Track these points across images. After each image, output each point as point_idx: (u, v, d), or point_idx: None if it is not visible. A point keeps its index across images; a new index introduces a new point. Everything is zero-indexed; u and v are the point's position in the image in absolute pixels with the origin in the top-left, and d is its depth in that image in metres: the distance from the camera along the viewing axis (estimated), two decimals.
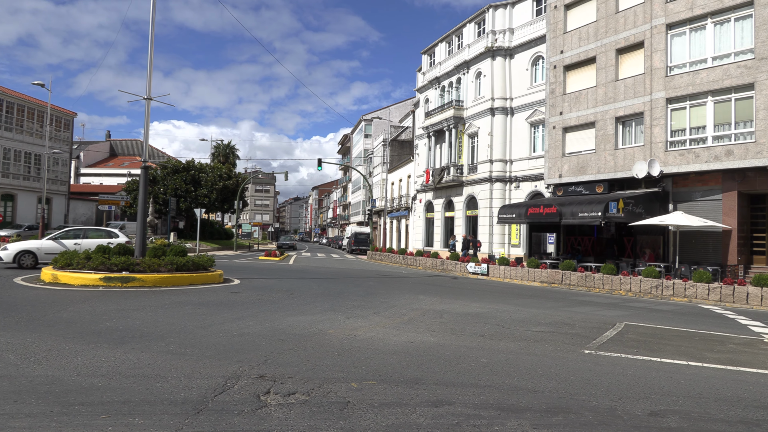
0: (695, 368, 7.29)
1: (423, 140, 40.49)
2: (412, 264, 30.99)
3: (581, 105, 25.43)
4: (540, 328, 10.06)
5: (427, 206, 39.98)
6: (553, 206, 23.20)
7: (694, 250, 21.39)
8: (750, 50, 19.64)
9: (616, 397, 5.74)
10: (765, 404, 5.72)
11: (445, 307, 12.53)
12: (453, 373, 6.44)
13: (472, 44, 34.42)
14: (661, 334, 9.95)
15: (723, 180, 20.44)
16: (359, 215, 70.10)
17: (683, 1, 21.51)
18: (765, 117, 19.01)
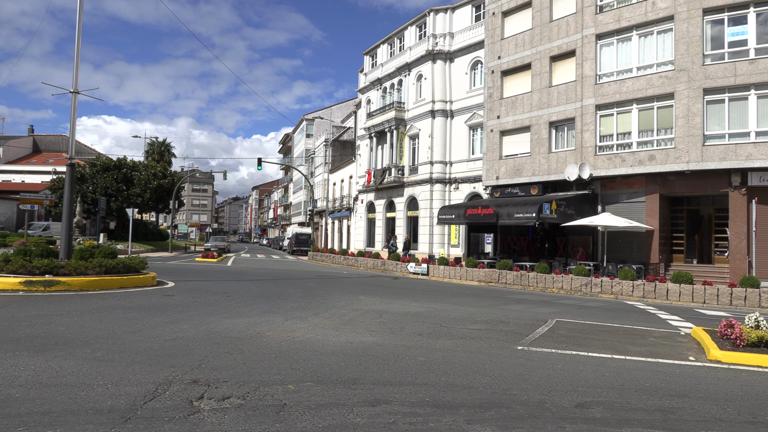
0: (619, 361, 7.70)
1: (365, 141, 40.60)
2: (354, 264, 31.01)
3: (517, 109, 26.28)
4: (476, 326, 10.32)
5: (369, 207, 40.12)
6: (490, 207, 23.85)
7: (621, 249, 22.57)
8: (671, 62, 20.95)
9: (546, 390, 5.98)
10: (680, 393, 6.12)
11: (385, 307, 12.62)
12: (391, 373, 6.50)
13: (414, 47, 34.86)
14: (589, 329, 10.44)
15: (646, 183, 21.68)
16: (300, 216, 69.41)
17: (611, 14, 22.66)
18: (683, 125, 20.31)
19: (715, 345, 8.28)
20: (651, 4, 21.48)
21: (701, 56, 20.17)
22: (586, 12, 23.44)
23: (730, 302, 16.20)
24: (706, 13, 20.21)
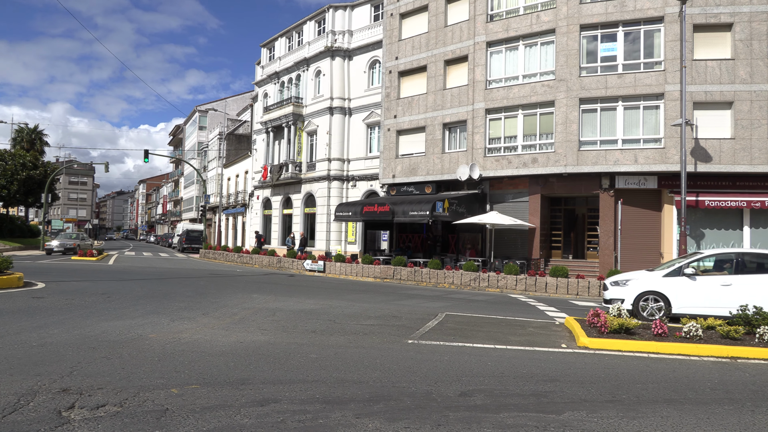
0: (501, 350, 8.20)
1: (261, 135, 39.63)
2: (248, 262, 30.19)
3: (414, 110, 27.00)
4: (370, 321, 10.49)
5: (265, 203, 39.24)
6: (386, 205, 24.30)
7: (507, 245, 23.99)
8: (552, 72, 22.58)
9: (433, 381, 6.22)
10: (552, 377, 6.64)
11: (279, 305, 12.43)
12: (282, 371, 6.42)
13: (313, 42, 34.56)
14: (475, 322, 11.01)
15: (530, 184, 23.23)
16: (192, 211, 66.26)
17: (501, 23, 23.98)
18: (562, 131, 22.01)
19: (584, 333, 9.08)
20: (536, 17, 23.02)
21: (578, 68, 21.96)
22: (478, 20, 24.60)
23: (599, 294, 17.83)
24: (583, 29, 22.03)
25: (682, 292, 11.51)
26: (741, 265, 11.57)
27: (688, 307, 11.44)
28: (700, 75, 20.37)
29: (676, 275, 11.69)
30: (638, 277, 12.16)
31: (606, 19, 21.52)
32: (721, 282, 11.33)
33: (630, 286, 11.96)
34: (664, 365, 7.63)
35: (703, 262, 12.03)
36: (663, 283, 11.69)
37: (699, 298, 11.39)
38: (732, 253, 11.99)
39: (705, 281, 11.45)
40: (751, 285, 11.17)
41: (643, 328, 9.31)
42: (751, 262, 11.68)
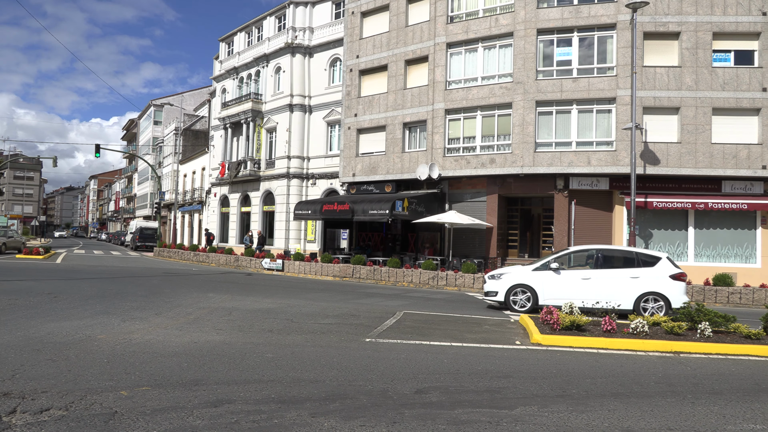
0: (457, 348, 8.32)
1: (219, 132, 38.88)
2: (205, 261, 29.59)
3: (374, 109, 27.03)
4: (328, 320, 10.45)
5: (223, 201, 38.54)
6: (346, 203, 24.26)
7: (465, 244, 24.33)
8: (510, 74, 23.02)
9: (389, 379, 6.26)
10: (506, 374, 6.79)
11: (236, 304, 12.24)
12: (237, 371, 6.34)
13: (273, 38, 34.13)
14: (433, 320, 11.12)
15: (488, 184, 23.62)
16: (146, 209, 64.41)
17: (460, 25, 24.28)
18: (519, 132, 22.47)
19: (537, 330, 9.32)
20: (495, 20, 23.41)
21: (535, 71, 22.46)
22: (438, 21, 24.83)
23: None
24: (539, 33, 22.54)
25: (548, 285, 12.57)
26: (599, 261, 12.60)
27: (553, 299, 12.45)
28: (650, 81, 21.17)
29: (543, 269, 12.74)
30: (511, 272, 13.19)
31: (562, 25, 22.09)
32: (582, 276, 12.41)
33: (503, 280, 12.97)
34: (612, 360, 7.91)
35: (568, 257, 13.04)
36: (531, 277, 12.72)
37: (562, 290, 12.40)
38: (592, 249, 13.06)
39: (568, 275, 12.52)
40: (606, 278, 12.26)
41: (594, 325, 9.62)
42: (608, 258, 12.74)
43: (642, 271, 12.31)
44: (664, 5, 21.25)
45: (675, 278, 12.21)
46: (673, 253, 21.47)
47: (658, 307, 12.02)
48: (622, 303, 12.16)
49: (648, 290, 12.14)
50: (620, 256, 12.91)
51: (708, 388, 6.51)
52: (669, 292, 12.10)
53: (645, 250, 13.41)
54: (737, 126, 20.95)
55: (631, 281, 12.25)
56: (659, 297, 12.12)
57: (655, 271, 12.29)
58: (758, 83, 20.79)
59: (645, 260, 12.54)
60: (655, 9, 21.20)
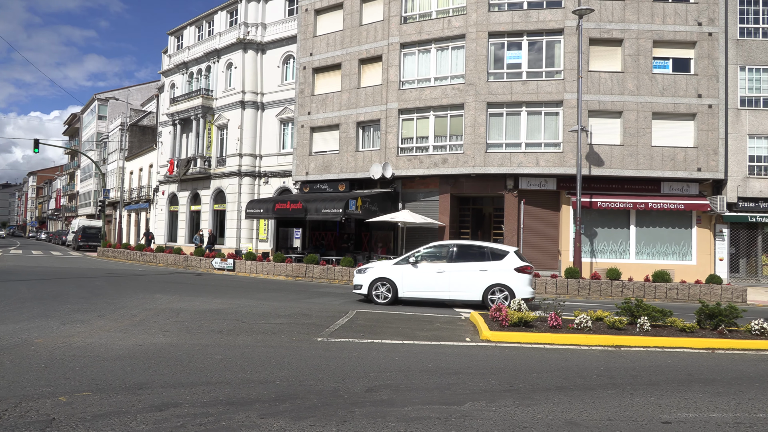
0: (408, 346, 8.39)
1: (168, 128, 37.75)
2: (152, 261, 28.68)
3: (328, 107, 26.90)
4: (279, 320, 10.34)
5: (171, 199, 37.45)
6: (299, 202, 24.05)
7: (418, 243, 24.49)
8: (462, 76, 23.38)
9: (340, 378, 6.25)
10: (456, 370, 6.90)
11: (184, 305, 11.93)
12: (184, 374, 6.18)
13: (224, 33, 33.42)
14: (385, 318, 11.18)
15: (440, 184, 23.92)
16: (90, 207, 61.85)
17: (414, 25, 24.47)
18: (471, 133, 22.86)
19: (487, 326, 9.51)
20: (447, 22, 23.71)
21: (486, 74, 22.90)
22: (392, 21, 24.94)
23: None
24: (491, 36, 23.00)
25: (406, 278, 13.19)
26: (453, 255, 13.27)
27: (411, 291, 13.23)
28: (595, 85, 21.96)
29: (403, 264, 13.37)
30: (375, 266, 13.80)
31: (512, 28, 22.61)
32: (437, 269, 13.07)
33: (367, 274, 13.55)
34: (558, 355, 8.17)
35: (427, 252, 13.61)
36: (392, 271, 13.33)
37: (419, 283, 13.11)
38: (449, 244, 13.72)
39: (424, 268, 13.16)
40: (458, 271, 12.95)
41: (541, 321, 9.90)
42: (462, 252, 13.39)
43: (491, 265, 12.93)
44: (609, 13, 22.09)
45: (519, 271, 12.86)
46: (616, 251, 22.38)
47: (504, 297, 12.67)
48: (473, 294, 12.88)
49: (495, 282, 12.76)
50: (473, 250, 13.49)
51: (646, 379, 6.81)
52: (513, 283, 12.73)
53: (496, 245, 14.07)
54: (675, 130, 22.02)
55: (481, 274, 12.86)
56: (504, 288, 12.73)
57: (502, 264, 12.93)
58: (694, 90, 21.92)
59: (495, 254, 13.17)
60: (600, 16, 22.00)
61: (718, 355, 8.63)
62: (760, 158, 22.07)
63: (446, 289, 12.95)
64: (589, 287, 18.13)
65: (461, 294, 12.97)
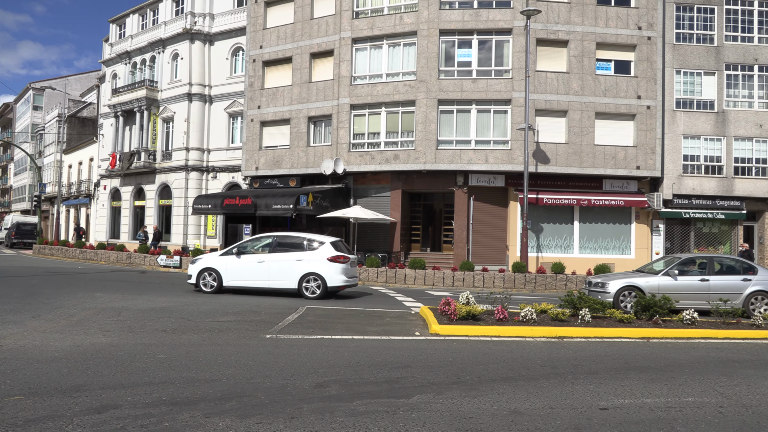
0: (358, 341, 8.41)
1: (109, 120, 36.24)
2: (93, 258, 27.51)
3: (278, 101, 26.51)
4: (227, 317, 10.14)
5: (114, 194, 36.01)
6: (248, 198, 23.63)
7: (370, 239, 24.60)
8: (413, 72, 23.53)
9: (289, 375, 6.20)
10: (404, 364, 6.96)
11: (126, 303, 11.51)
12: (125, 374, 5.97)
13: (169, 22, 32.35)
14: (335, 314, 11.15)
15: (392, 180, 24.03)
16: (24, 202, 58.64)
17: (366, 21, 24.43)
18: (422, 129, 23.06)
19: (436, 320, 9.64)
20: (399, 18, 23.79)
21: (437, 71, 23.14)
22: (344, 15, 24.80)
23: (452, 284, 19.06)
24: (442, 33, 23.24)
25: (230, 268, 13.79)
26: (274, 245, 13.95)
27: (235, 280, 13.84)
28: (542, 85, 22.58)
29: (228, 255, 13.99)
30: (204, 257, 14.40)
31: (463, 27, 22.93)
32: (258, 259, 13.71)
33: (197, 264, 14.09)
34: (504, 347, 8.38)
35: (250, 243, 14.34)
36: (218, 261, 13.98)
37: (242, 273, 13.73)
38: (272, 235, 14.48)
39: (247, 259, 13.80)
40: (277, 261, 13.61)
41: (488, 314, 10.12)
42: (282, 243, 14.09)
43: (306, 255, 13.59)
44: (555, 14, 22.74)
45: (332, 260, 13.49)
46: (561, 246, 23.13)
47: (317, 286, 13.36)
48: (289, 283, 13.49)
49: (309, 271, 13.39)
50: (292, 241, 14.17)
51: (586, 368, 7.08)
52: (325, 272, 13.37)
53: (316, 236, 14.75)
54: (616, 129, 22.94)
55: (296, 263, 13.48)
56: (318, 277, 13.37)
57: (317, 254, 13.58)
58: (634, 91, 22.89)
59: (312, 245, 13.84)
60: (547, 17, 22.61)
61: (652, 343, 9.07)
62: (694, 157, 23.30)
63: (266, 278, 13.57)
64: (535, 281, 18.68)
65: (279, 282, 13.56)
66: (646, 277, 13.19)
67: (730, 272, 13.25)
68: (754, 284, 12.77)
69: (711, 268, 13.18)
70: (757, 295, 12.68)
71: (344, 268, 13.63)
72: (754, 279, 12.86)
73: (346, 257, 13.82)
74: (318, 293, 13.33)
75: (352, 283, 14.27)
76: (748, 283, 12.81)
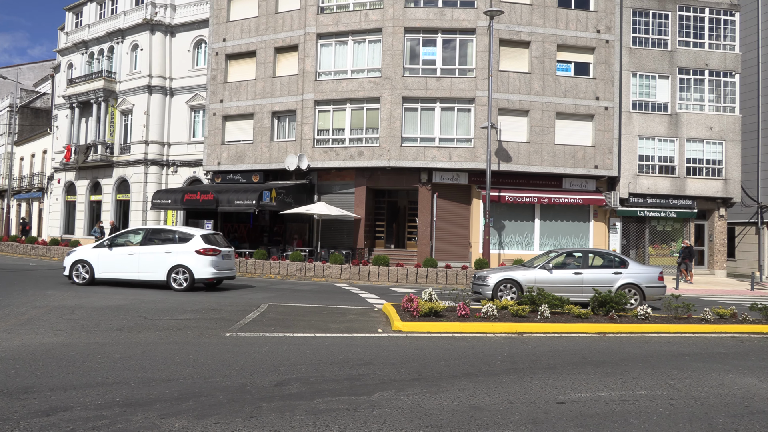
0: (320, 338, 8.35)
1: (65, 111, 34.94)
2: (45, 255, 26.50)
3: (241, 96, 26.06)
4: (186, 315, 9.92)
5: (68, 188, 34.75)
6: (210, 193, 23.17)
7: (334, 236, 24.49)
8: (378, 69, 23.50)
9: (249, 373, 6.11)
10: (366, 361, 6.96)
11: (80, 301, 11.13)
12: (76, 375, 5.77)
13: (129, 12, 31.38)
14: (298, 311, 11.06)
15: (356, 176, 23.97)
16: None
17: (331, 16, 24.25)
18: (387, 126, 23.07)
19: (399, 317, 9.68)
20: (364, 15, 23.71)
21: (402, 68, 23.17)
22: (309, 10, 24.55)
23: (416, 280, 19.16)
24: (407, 31, 23.27)
25: (102, 260, 13.93)
26: (146, 238, 14.18)
27: (107, 272, 13.97)
28: (504, 84, 22.90)
29: (100, 247, 14.20)
30: (78, 249, 14.67)
31: (427, 25, 23.02)
32: (128, 252, 13.96)
33: (72, 256, 14.26)
34: (465, 343, 8.47)
35: (122, 236, 14.71)
36: (90, 253, 14.14)
37: (113, 265, 13.89)
38: (145, 228, 14.83)
39: (118, 251, 13.98)
40: (147, 253, 13.78)
41: (450, 311, 10.22)
42: (155, 236, 14.33)
43: (176, 247, 13.77)
44: (518, 16, 23.07)
45: (199, 253, 13.65)
46: (522, 243, 23.54)
47: (185, 279, 13.51)
48: (158, 275, 13.66)
49: (177, 263, 13.57)
50: (163, 234, 14.42)
51: (545, 363, 7.23)
52: (193, 264, 13.54)
53: (188, 229, 15.10)
54: (576, 129, 23.47)
55: (165, 256, 13.67)
56: (186, 269, 13.52)
57: (186, 246, 13.74)
58: (593, 92, 23.46)
59: (183, 238, 14.04)
60: (509, 18, 22.92)
61: (608, 338, 9.34)
62: (649, 158, 24.07)
63: (136, 270, 13.70)
64: None
65: (149, 274, 13.69)
66: (523, 270, 13.54)
67: (604, 266, 13.64)
68: (624, 277, 13.17)
69: (585, 262, 13.60)
70: (626, 288, 13.05)
71: (213, 261, 13.75)
72: (624, 272, 13.25)
73: (215, 250, 13.93)
74: (185, 285, 13.45)
75: (223, 276, 14.39)
76: (619, 276, 13.19)
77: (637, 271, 13.46)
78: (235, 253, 21.80)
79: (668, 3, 24.32)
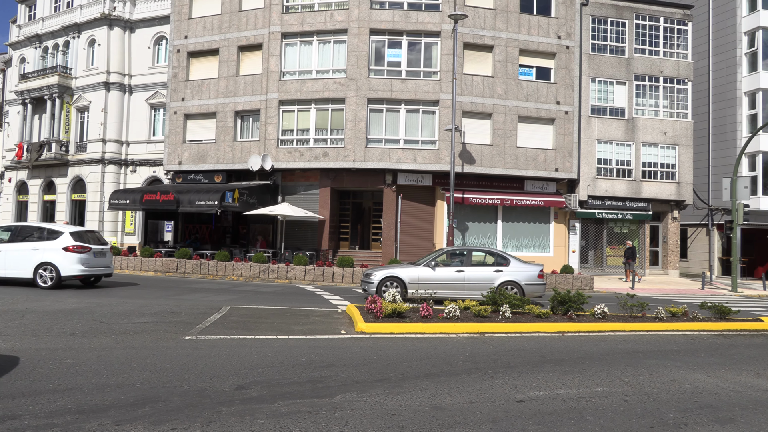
0: (282, 341, 8.27)
1: (16, 107, 33.57)
2: None
3: (204, 94, 25.59)
4: (143, 319, 9.66)
5: (20, 187, 33.41)
6: (170, 193, 22.65)
7: (298, 237, 24.29)
8: (344, 70, 23.45)
9: (208, 377, 5.99)
10: (329, 363, 6.93)
11: (31, 305, 10.71)
12: (26, 382, 5.55)
13: (86, 6, 30.39)
14: (260, 313, 10.92)
15: (321, 177, 23.84)
16: None
17: (296, 16, 24.06)
18: (352, 127, 23.04)
19: (362, 318, 9.67)
20: (330, 15, 23.62)
21: (367, 69, 23.19)
22: (273, 9, 24.30)
23: None
24: (372, 33, 23.30)
25: None
26: (11, 235, 14.24)
27: None
28: (468, 87, 23.19)
29: None
30: None
31: (393, 27, 23.11)
32: None
33: None
34: (428, 344, 8.53)
35: None
36: None
37: None
38: (12, 226, 14.92)
39: None
40: (11, 250, 13.72)
41: (413, 311, 10.27)
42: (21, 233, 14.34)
43: (43, 244, 13.79)
44: (481, 20, 23.41)
45: (66, 250, 13.74)
46: (485, 244, 23.86)
47: (51, 277, 13.56)
48: (24, 272, 13.65)
49: (42, 261, 13.59)
50: (32, 231, 14.41)
51: (505, 363, 7.35)
52: (59, 261, 13.60)
53: (57, 225, 15.45)
54: (537, 133, 23.96)
55: (32, 253, 13.67)
56: (52, 267, 13.58)
57: (54, 243, 13.78)
58: (554, 97, 23.99)
59: (51, 235, 14.07)
60: (473, 22, 23.23)
61: (567, 337, 9.56)
62: (607, 161, 24.77)
63: (2, 267, 13.63)
64: None
65: (14, 272, 13.64)
66: (407, 268, 13.73)
67: (486, 264, 13.95)
68: (504, 275, 13.46)
69: (469, 260, 13.84)
70: (506, 285, 13.35)
71: (82, 258, 13.73)
72: (505, 270, 13.55)
73: (85, 247, 13.88)
74: (50, 283, 13.40)
75: (94, 273, 14.32)
76: (500, 273, 13.50)
77: (517, 269, 13.65)
78: (195, 255, 21.50)
79: (625, 11, 25.11)
